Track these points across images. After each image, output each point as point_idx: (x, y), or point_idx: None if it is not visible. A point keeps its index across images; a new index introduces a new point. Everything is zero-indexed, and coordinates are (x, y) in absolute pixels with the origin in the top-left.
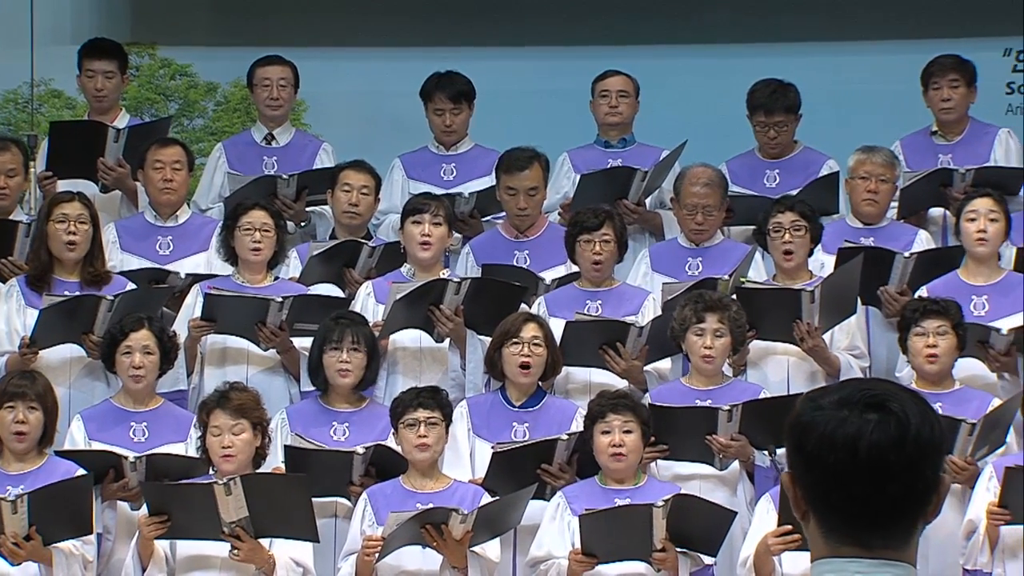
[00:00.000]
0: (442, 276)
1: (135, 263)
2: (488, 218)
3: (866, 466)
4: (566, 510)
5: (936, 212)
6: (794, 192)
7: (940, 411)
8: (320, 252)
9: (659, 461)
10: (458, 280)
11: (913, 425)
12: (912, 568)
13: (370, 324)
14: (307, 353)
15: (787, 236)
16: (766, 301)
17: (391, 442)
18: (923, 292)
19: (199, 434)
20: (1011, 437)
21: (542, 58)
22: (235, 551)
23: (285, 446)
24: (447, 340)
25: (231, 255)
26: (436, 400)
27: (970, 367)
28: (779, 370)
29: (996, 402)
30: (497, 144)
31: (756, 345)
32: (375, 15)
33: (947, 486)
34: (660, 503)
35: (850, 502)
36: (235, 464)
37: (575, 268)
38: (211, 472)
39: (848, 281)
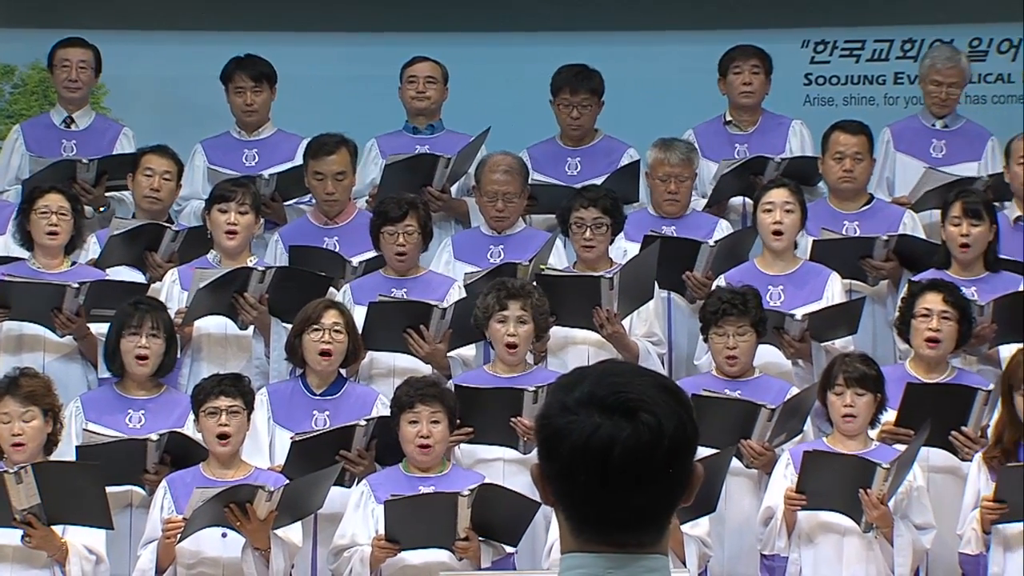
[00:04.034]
0: (248, 264)
1: None
2: (290, 202)
3: (618, 478)
4: (370, 498)
5: (736, 200)
6: (596, 180)
7: (739, 396)
8: (121, 232)
9: (463, 445)
10: (263, 269)
11: (667, 432)
12: (665, 558)
13: (175, 311)
14: (104, 339)
15: (588, 233)
16: (566, 288)
17: (188, 429)
18: (720, 281)
19: None
20: (808, 425)
21: (349, 44)
22: (27, 538)
23: (76, 446)
24: (251, 327)
25: (27, 239)
26: (238, 388)
27: (767, 354)
28: (579, 358)
29: (794, 390)
30: (305, 131)
31: (556, 332)
32: None
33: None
34: (466, 492)
35: (602, 510)
36: (25, 453)
37: None
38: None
39: (645, 267)
